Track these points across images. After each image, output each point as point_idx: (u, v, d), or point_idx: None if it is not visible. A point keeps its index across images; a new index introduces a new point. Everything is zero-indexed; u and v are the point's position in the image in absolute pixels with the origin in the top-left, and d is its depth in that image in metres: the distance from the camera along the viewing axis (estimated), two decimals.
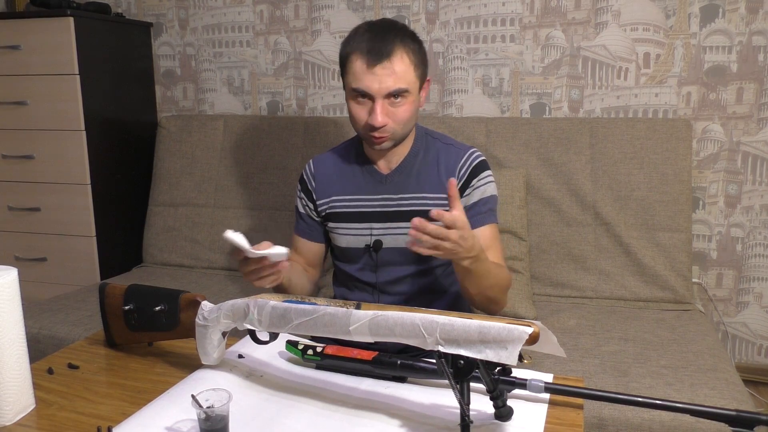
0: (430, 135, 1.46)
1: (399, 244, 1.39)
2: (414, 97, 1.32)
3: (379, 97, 1.28)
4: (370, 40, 1.28)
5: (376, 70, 1.27)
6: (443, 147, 1.43)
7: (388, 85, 1.27)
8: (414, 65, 1.30)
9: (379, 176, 1.42)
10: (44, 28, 2.31)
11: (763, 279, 2.21)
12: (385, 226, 1.40)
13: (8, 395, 0.97)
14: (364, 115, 1.32)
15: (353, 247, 1.43)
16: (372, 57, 1.27)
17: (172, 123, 2.55)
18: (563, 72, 2.27)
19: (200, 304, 1.08)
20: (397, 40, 1.28)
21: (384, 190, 1.41)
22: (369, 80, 1.27)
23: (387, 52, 1.26)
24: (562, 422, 0.94)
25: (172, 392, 1.02)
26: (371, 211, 1.41)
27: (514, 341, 0.80)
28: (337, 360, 1.09)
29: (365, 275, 1.44)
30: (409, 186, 1.40)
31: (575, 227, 2.11)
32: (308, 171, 1.49)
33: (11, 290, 0.97)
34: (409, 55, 1.29)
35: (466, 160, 1.40)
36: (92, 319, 1.95)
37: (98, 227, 2.44)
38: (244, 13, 2.60)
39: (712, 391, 1.47)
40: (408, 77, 1.29)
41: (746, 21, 2.09)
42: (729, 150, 2.17)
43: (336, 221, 1.44)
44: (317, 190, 1.46)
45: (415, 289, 1.43)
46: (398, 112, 1.30)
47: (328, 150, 1.53)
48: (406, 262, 1.41)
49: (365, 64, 1.27)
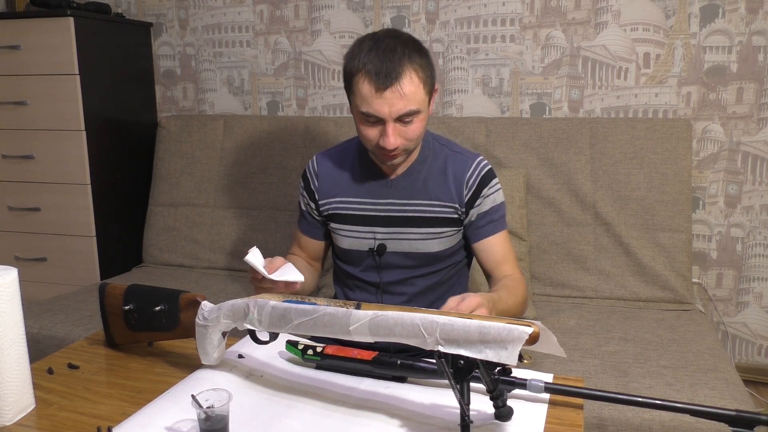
0: (438, 141, 1.44)
1: (403, 248, 1.39)
2: (425, 114, 1.29)
3: (390, 120, 1.24)
4: (376, 59, 1.22)
5: (386, 94, 1.22)
6: (451, 155, 1.41)
7: (398, 108, 1.23)
8: (423, 82, 1.26)
9: (384, 180, 1.40)
10: (44, 28, 2.31)
11: (763, 279, 2.21)
12: (389, 230, 1.39)
13: (8, 395, 0.97)
14: (375, 135, 1.28)
15: (356, 249, 1.42)
16: (380, 80, 1.21)
17: (172, 123, 2.55)
18: (563, 72, 2.27)
19: (200, 304, 1.08)
20: (405, 59, 1.23)
21: (390, 195, 1.39)
22: (378, 104, 1.23)
23: (396, 74, 1.21)
24: (562, 422, 0.94)
25: (172, 392, 1.02)
26: (375, 215, 1.40)
27: (514, 341, 0.80)
28: (337, 360, 1.09)
29: (368, 275, 1.44)
30: (416, 192, 1.39)
31: (575, 227, 2.11)
32: (311, 169, 1.47)
33: (11, 290, 0.97)
34: (418, 72, 1.24)
35: (474, 169, 1.39)
36: (92, 319, 1.95)
37: (98, 227, 2.44)
38: (244, 13, 2.60)
39: (712, 391, 1.47)
40: (418, 97, 1.25)
41: (746, 21, 2.09)
42: (729, 150, 2.17)
43: (339, 222, 1.43)
44: (320, 190, 1.45)
45: (419, 290, 1.43)
46: (410, 131, 1.27)
47: (332, 147, 1.50)
48: (410, 265, 1.41)
49: (373, 88, 1.22)
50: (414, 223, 1.38)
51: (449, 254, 1.42)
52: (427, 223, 1.38)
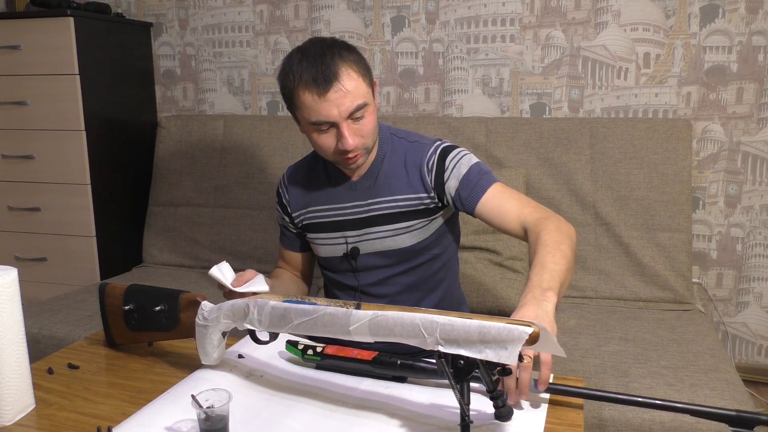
0: (395, 135, 1.43)
1: (375, 247, 1.38)
2: (372, 106, 1.29)
3: (342, 120, 1.23)
4: (310, 67, 1.22)
5: (330, 96, 1.21)
6: (409, 146, 1.40)
7: (347, 107, 1.22)
8: (362, 76, 1.25)
9: (348, 183, 1.40)
10: (44, 28, 2.31)
11: (763, 279, 2.21)
12: (359, 233, 1.39)
13: (8, 395, 0.97)
14: (332, 142, 1.27)
15: (332, 256, 1.43)
16: (320, 85, 1.20)
17: (172, 123, 2.55)
18: (563, 72, 2.27)
19: (200, 304, 1.08)
20: (336, 58, 1.22)
21: (354, 197, 1.39)
22: (326, 108, 1.22)
23: (332, 74, 1.21)
24: (562, 422, 0.94)
25: (172, 392, 1.02)
26: (344, 219, 1.40)
27: (514, 341, 0.80)
28: (337, 360, 1.09)
29: (348, 279, 1.44)
30: (378, 190, 1.38)
31: (575, 227, 2.10)
32: (282, 184, 1.49)
33: (11, 290, 0.97)
34: (353, 67, 1.24)
35: (432, 153, 1.37)
36: (92, 319, 1.95)
37: (98, 227, 2.44)
38: (244, 13, 2.60)
39: (712, 391, 1.47)
40: (362, 90, 1.24)
41: (746, 21, 2.09)
42: (729, 150, 2.17)
43: (313, 232, 1.44)
44: (291, 203, 1.46)
45: (399, 289, 1.42)
46: (363, 127, 1.27)
47: (302, 158, 1.52)
48: (385, 264, 1.40)
49: (316, 95, 1.21)
50: (380, 221, 1.37)
51: (423, 247, 1.40)
52: (394, 218, 1.37)
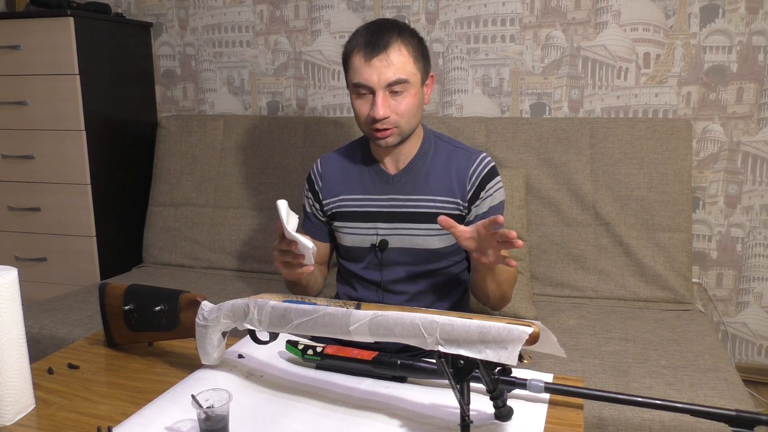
0: (439, 138, 1.46)
1: (405, 244, 1.40)
2: (416, 89, 1.33)
3: (380, 89, 1.29)
4: (368, 35, 1.31)
5: (374, 62, 1.28)
6: (453, 150, 1.43)
7: (387, 77, 1.28)
8: (413, 58, 1.32)
9: (386, 176, 1.42)
10: (44, 28, 2.31)
11: (763, 279, 2.21)
12: (391, 226, 1.40)
13: (8, 395, 0.97)
14: (366, 109, 1.32)
15: (358, 246, 1.43)
16: (369, 50, 1.29)
17: (172, 123, 2.55)
18: (563, 72, 2.27)
19: (200, 304, 1.08)
20: (394, 33, 1.30)
21: (391, 191, 1.41)
22: (368, 73, 1.29)
23: (384, 44, 1.29)
24: (562, 422, 0.94)
25: (172, 392, 1.02)
26: (377, 211, 1.41)
27: (514, 341, 0.80)
28: (337, 360, 1.09)
29: (370, 273, 1.44)
30: (418, 187, 1.40)
31: (575, 227, 2.11)
32: (315, 170, 1.50)
33: (11, 290, 0.97)
34: (407, 47, 1.31)
35: (478, 165, 1.40)
36: (92, 319, 1.95)
37: (98, 227, 2.44)
38: (244, 13, 2.60)
39: (712, 391, 1.47)
40: (408, 68, 1.30)
41: (746, 21, 2.09)
42: (729, 150, 2.17)
43: (342, 220, 1.45)
44: (323, 190, 1.47)
45: (420, 289, 1.43)
46: (400, 105, 1.31)
47: (338, 148, 1.54)
48: (411, 262, 1.41)
49: (363, 59, 1.29)
50: (415, 218, 1.39)
51: (450, 252, 1.42)
52: (429, 218, 1.38)
